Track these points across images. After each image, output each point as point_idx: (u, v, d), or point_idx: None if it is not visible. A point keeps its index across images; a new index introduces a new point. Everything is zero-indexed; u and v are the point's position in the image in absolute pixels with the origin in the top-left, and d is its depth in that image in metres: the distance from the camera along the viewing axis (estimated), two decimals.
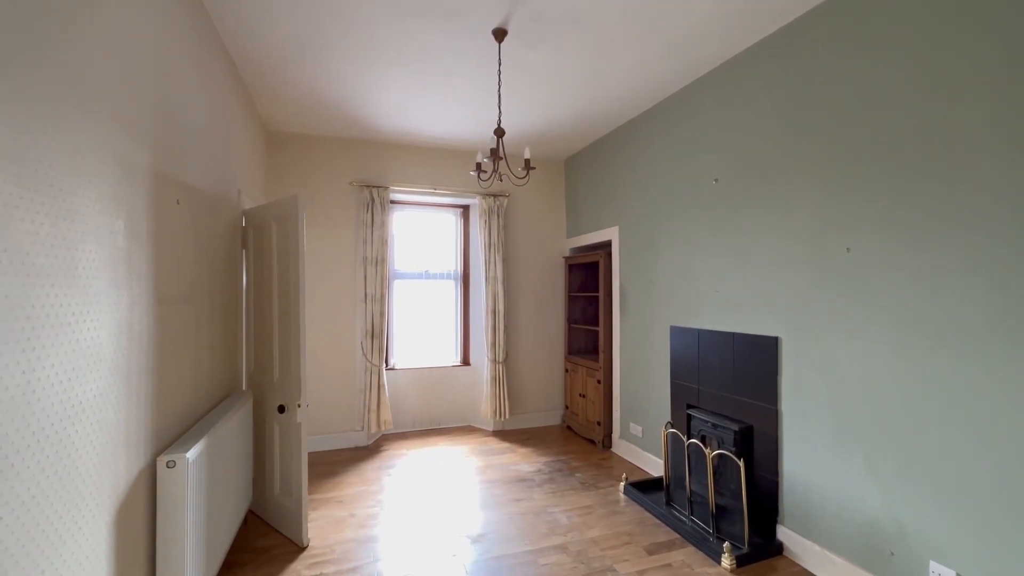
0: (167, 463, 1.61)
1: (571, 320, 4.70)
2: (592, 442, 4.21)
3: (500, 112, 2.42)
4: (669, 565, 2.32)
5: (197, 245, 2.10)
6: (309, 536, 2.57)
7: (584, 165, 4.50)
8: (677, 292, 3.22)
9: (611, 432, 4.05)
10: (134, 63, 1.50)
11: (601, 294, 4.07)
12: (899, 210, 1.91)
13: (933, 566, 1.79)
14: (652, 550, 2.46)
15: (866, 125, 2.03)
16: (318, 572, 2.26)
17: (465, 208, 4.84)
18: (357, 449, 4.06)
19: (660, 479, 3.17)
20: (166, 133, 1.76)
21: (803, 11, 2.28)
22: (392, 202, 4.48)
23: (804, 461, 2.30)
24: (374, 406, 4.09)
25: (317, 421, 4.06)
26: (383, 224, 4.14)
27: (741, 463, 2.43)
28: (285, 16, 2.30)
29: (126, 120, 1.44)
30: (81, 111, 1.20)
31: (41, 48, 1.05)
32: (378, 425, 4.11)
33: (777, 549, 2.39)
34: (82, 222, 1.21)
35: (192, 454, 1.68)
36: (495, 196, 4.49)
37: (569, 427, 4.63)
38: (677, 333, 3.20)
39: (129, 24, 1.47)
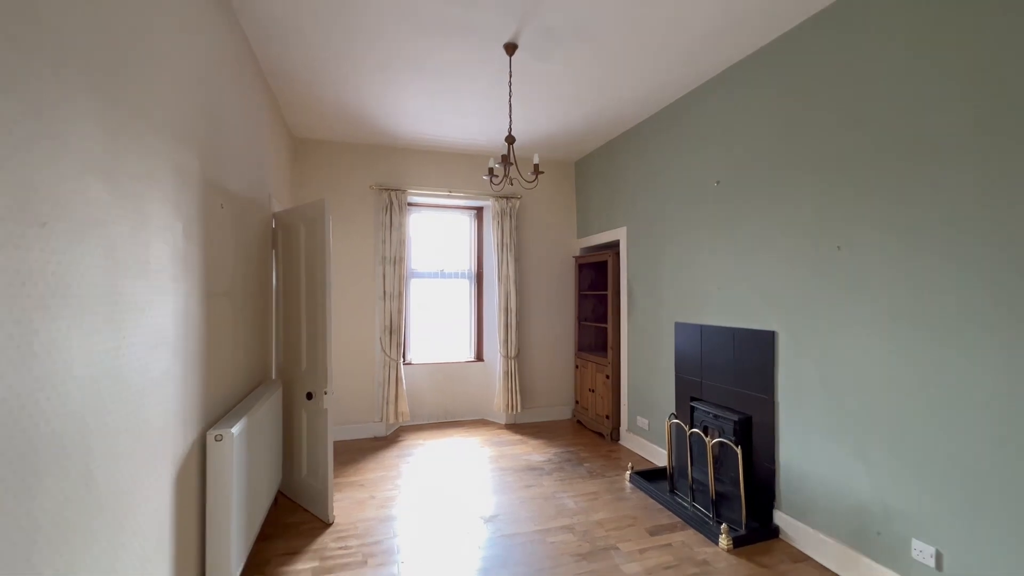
0: (215, 436, 1.82)
1: (581, 318, 4.85)
2: (601, 435, 4.36)
3: (511, 121, 2.59)
4: (669, 545, 2.47)
5: (235, 245, 2.33)
6: (334, 514, 2.78)
7: (594, 167, 4.65)
8: (681, 290, 3.36)
9: (619, 425, 4.20)
10: (187, 81, 1.72)
11: (610, 292, 4.22)
12: (889, 210, 2.03)
13: (915, 543, 1.91)
14: (654, 532, 2.60)
15: (858, 129, 2.15)
16: (343, 544, 2.47)
17: (479, 210, 5.03)
18: (376, 439, 4.28)
19: (664, 468, 3.31)
20: (211, 144, 1.98)
21: (798, 21, 2.41)
22: (409, 204, 4.69)
23: (799, 449, 2.43)
24: (392, 398, 4.31)
25: (338, 412, 4.29)
26: (401, 225, 4.36)
27: (739, 450, 2.56)
28: (315, 35, 2.52)
29: (181, 134, 1.66)
30: (151, 128, 1.41)
31: (119, 73, 1.26)
32: (396, 416, 4.32)
33: (773, 532, 2.52)
34: (152, 225, 1.43)
35: (236, 430, 1.89)
36: (507, 198, 4.67)
37: (579, 421, 4.78)
38: (681, 329, 3.33)
39: (185, 48, 1.69)
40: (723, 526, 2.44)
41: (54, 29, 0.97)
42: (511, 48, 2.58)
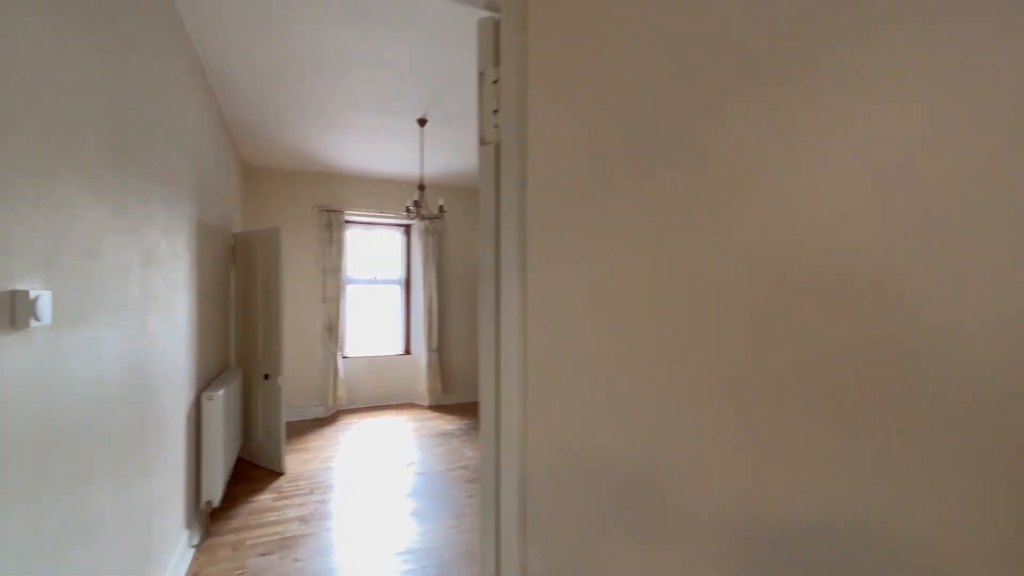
0: (207, 397, 2.67)
1: None
2: None
3: (422, 175, 3.59)
4: None
5: (211, 262, 3.14)
6: (286, 466, 3.62)
7: None
8: None
9: None
10: (188, 150, 2.57)
11: None
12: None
13: None
14: None
15: None
16: (294, 484, 3.34)
17: (407, 227, 5.96)
18: (317, 420, 5.09)
19: None
20: (200, 190, 2.81)
21: None
22: (347, 222, 5.53)
23: None
24: (331, 385, 5.14)
25: (284, 396, 5.04)
26: (339, 240, 5.20)
27: None
28: (273, 100, 3.37)
29: (188, 191, 2.51)
30: (181, 196, 2.28)
31: (167, 166, 2.14)
32: (334, 400, 5.15)
33: None
34: (180, 257, 2.29)
35: (221, 394, 2.74)
36: (431, 219, 5.65)
37: None
38: None
39: (186, 126, 2.54)
40: None
41: (155, 162, 1.86)
42: (422, 122, 3.58)
